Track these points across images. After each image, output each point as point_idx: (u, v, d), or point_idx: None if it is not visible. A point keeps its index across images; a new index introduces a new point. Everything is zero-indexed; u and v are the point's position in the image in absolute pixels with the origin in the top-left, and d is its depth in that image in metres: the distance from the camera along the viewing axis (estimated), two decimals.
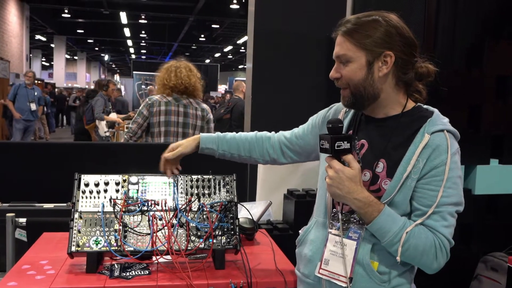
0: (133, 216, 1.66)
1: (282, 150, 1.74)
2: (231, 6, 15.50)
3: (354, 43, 1.39)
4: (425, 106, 1.49)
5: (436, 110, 1.47)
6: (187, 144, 1.74)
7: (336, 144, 1.34)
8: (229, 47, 27.29)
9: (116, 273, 1.59)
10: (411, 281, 1.49)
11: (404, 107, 1.45)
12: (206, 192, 1.75)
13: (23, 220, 2.11)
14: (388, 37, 1.39)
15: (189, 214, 1.69)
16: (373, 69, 1.40)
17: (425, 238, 1.34)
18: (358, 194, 1.34)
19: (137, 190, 1.70)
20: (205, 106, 3.49)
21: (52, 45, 26.18)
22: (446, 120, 1.45)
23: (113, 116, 8.04)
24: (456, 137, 1.43)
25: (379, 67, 1.40)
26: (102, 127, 8.01)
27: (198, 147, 1.74)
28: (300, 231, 1.63)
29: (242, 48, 24.77)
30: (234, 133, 1.79)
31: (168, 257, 1.64)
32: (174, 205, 1.69)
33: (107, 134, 7.96)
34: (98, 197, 1.67)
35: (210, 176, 1.77)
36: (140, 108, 3.39)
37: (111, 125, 8.06)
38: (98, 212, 1.64)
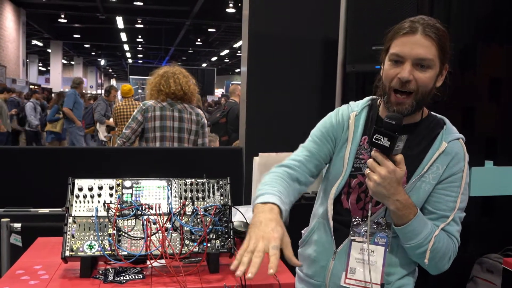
0: (127, 220, 1.66)
1: (306, 184, 1.58)
2: (227, 10, 15.53)
3: (440, 51, 1.36)
4: (434, 114, 1.52)
5: (445, 118, 1.50)
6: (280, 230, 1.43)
7: (396, 144, 1.28)
8: (226, 51, 27.33)
9: (110, 278, 1.58)
10: (413, 283, 1.51)
11: (422, 114, 1.47)
12: (200, 195, 1.74)
13: (18, 225, 2.11)
14: (451, 50, 1.40)
15: (183, 218, 1.69)
16: (436, 79, 1.40)
17: (447, 243, 1.39)
18: (400, 196, 1.33)
19: (131, 194, 1.70)
20: (199, 110, 3.50)
21: (49, 50, 26.16)
22: (455, 128, 1.50)
23: (111, 121, 8.05)
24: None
25: (440, 77, 1.42)
26: (102, 131, 8.01)
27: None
28: (302, 232, 1.64)
29: (239, 52, 24.80)
30: (278, 189, 1.53)
31: (162, 261, 1.64)
32: (168, 209, 1.69)
33: (105, 138, 7.99)
34: (92, 202, 1.67)
35: (204, 180, 1.77)
36: (134, 113, 3.37)
37: (109, 129, 8.07)
38: (92, 216, 1.64)
